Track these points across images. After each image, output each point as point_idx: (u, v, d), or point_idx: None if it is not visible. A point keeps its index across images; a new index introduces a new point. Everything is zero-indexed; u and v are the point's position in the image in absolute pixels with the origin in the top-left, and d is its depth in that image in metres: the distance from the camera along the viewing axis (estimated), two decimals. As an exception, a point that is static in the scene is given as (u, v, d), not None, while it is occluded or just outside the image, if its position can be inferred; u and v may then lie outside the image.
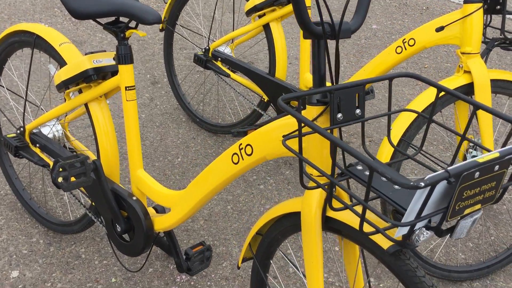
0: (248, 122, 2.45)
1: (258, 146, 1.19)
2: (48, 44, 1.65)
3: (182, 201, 1.42)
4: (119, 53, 1.45)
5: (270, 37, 2.23)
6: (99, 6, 1.37)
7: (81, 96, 1.55)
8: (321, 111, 1.05)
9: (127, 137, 1.52)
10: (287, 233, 1.26)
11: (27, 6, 3.98)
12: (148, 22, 1.35)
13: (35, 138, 1.75)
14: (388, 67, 1.90)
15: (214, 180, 1.31)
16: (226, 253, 1.95)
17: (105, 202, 1.55)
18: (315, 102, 1.05)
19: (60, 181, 1.40)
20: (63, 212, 2.07)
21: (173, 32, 2.62)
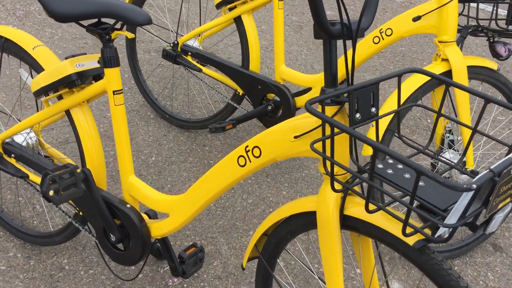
0: (221, 116, 2.41)
1: (267, 148, 1.18)
2: (19, 47, 1.54)
3: (182, 206, 1.39)
4: (105, 56, 1.37)
5: (242, 29, 2.20)
6: (83, 8, 1.29)
7: (63, 102, 1.46)
8: (336, 111, 1.05)
9: (117, 143, 1.46)
10: (297, 232, 1.26)
11: (-37, 1, 3.71)
12: (137, 23, 1.28)
13: (9, 148, 1.64)
14: (366, 57, 1.93)
15: (219, 183, 1.29)
16: (215, 251, 1.92)
17: (96, 212, 1.48)
18: (329, 102, 1.05)
19: (51, 195, 1.32)
20: (39, 222, 1.97)
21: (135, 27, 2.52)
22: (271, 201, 2.19)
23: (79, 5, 1.28)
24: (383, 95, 3.06)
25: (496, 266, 1.96)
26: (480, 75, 1.83)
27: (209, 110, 2.76)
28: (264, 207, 2.15)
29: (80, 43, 3.32)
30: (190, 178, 2.28)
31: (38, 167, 1.56)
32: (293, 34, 3.75)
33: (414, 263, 1.01)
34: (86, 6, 1.28)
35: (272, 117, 2.20)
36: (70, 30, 3.46)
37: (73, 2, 1.29)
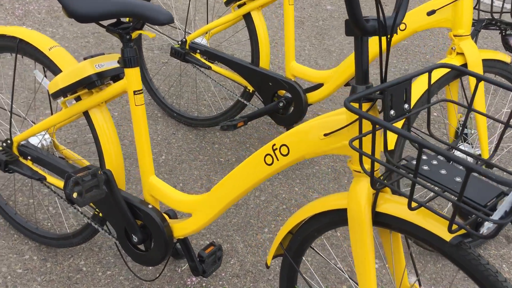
0: (231, 114, 2.40)
1: (296, 146, 1.17)
2: (34, 48, 1.52)
3: (206, 206, 1.38)
4: (125, 56, 1.36)
5: (251, 26, 2.19)
6: (104, 7, 1.27)
7: (82, 103, 1.45)
8: (369, 108, 1.05)
9: (137, 143, 1.45)
10: (324, 229, 1.26)
11: (-40, 1, 3.66)
12: (159, 23, 1.27)
13: (25, 150, 1.62)
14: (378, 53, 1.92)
15: (245, 182, 1.28)
16: (231, 250, 1.92)
17: (117, 213, 1.47)
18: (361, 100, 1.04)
19: (75, 197, 1.31)
20: (53, 224, 1.95)
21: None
22: (283, 198, 2.19)
23: (101, 5, 1.27)
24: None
25: (510, 258, 1.97)
26: (494, 68, 1.84)
27: (217, 108, 2.75)
28: (277, 204, 2.15)
29: (82, 42, 3.29)
30: (202, 176, 2.27)
31: (57, 169, 1.55)
32: (295, 29, 3.74)
33: (450, 258, 1.01)
34: (107, 6, 1.27)
35: (284, 113, 2.19)
36: (71, 29, 3.42)
37: (94, 2, 1.27)
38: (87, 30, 3.44)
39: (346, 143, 1.09)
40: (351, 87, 1.07)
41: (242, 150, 2.45)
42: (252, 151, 2.44)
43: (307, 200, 2.18)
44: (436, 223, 1.00)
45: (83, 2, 1.27)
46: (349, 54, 3.43)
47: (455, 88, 1.87)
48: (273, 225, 2.05)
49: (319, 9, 4.07)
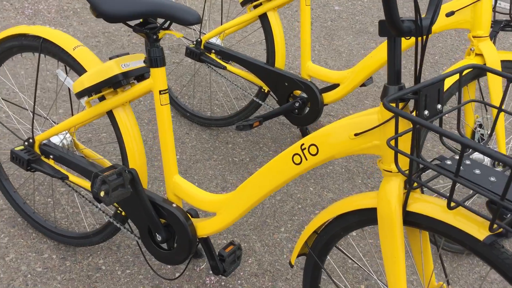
0: (245, 113, 2.41)
1: (325, 146, 1.18)
2: (58, 48, 1.53)
3: (231, 205, 1.39)
4: (152, 55, 1.37)
5: (267, 26, 2.20)
6: (133, 8, 1.28)
7: (106, 103, 1.45)
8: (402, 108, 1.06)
9: (162, 142, 1.46)
10: (351, 229, 1.27)
11: (-30, 0, 3.66)
12: (188, 23, 1.28)
13: (47, 149, 1.63)
14: (397, 53, 1.93)
15: (272, 182, 1.29)
16: (249, 249, 1.93)
17: (141, 212, 1.48)
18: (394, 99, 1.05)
19: (102, 196, 1.32)
20: (70, 223, 1.96)
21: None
22: (299, 198, 2.19)
23: (130, 5, 1.28)
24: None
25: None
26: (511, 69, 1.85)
27: (230, 108, 2.76)
28: (292, 204, 2.16)
29: (92, 41, 3.29)
30: (216, 176, 2.27)
31: (79, 169, 1.56)
32: (304, 30, 3.75)
33: (483, 258, 1.01)
34: (137, 6, 1.28)
35: (299, 113, 2.20)
36: (82, 29, 3.43)
37: (123, 2, 1.28)
38: (97, 29, 3.44)
39: (377, 142, 1.10)
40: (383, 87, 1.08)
41: (256, 150, 2.46)
42: (265, 151, 2.45)
43: (322, 200, 2.19)
44: (469, 222, 1.01)
45: (112, 2, 1.28)
46: (358, 54, 3.44)
47: (472, 89, 1.88)
48: (289, 225, 2.05)
49: (327, 10, 4.08)
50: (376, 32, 3.77)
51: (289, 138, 2.56)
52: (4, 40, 1.63)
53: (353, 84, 2.06)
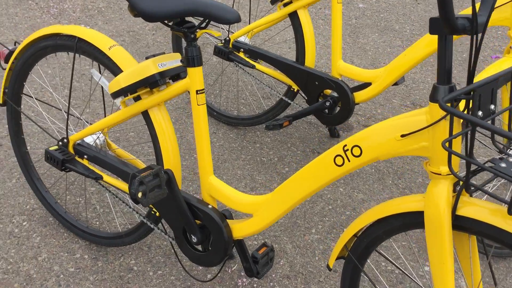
0: (273, 113, 2.39)
1: (369, 147, 1.15)
2: (94, 47, 1.52)
3: (269, 207, 1.36)
4: (189, 55, 1.35)
5: (297, 25, 2.17)
6: (172, 6, 1.26)
7: (142, 103, 1.44)
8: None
9: (197, 143, 1.44)
10: (394, 232, 1.23)
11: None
12: (228, 21, 1.26)
13: (81, 149, 1.62)
14: (432, 51, 1.89)
15: (312, 183, 1.26)
16: (280, 250, 1.91)
17: (177, 213, 1.47)
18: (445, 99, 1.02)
19: (140, 197, 1.31)
20: (101, 223, 1.95)
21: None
22: (329, 199, 2.16)
23: (169, 3, 1.26)
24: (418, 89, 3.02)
25: None
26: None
27: (257, 107, 2.73)
28: (323, 205, 2.13)
29: (118, 40, 3.30)
30: (245, 176, 2.25)
31: (114, 169, 1.55)
32: (328, 28, 3.71)
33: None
34: (176, 4, 1.26)
35: (330, 113, 2.17)
36: (107, 28, 3.44)
37: (163, 1, 1.27)
38: (122, 28, 3.45)
39: (426, 144, 1.07)
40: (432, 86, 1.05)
41: (284, 150, 2.43)
42: (293, 150, 2.43)
43: (352, 201, 2.15)
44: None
45: (152, 1, 1.26)
46: (384, 53, 3.39)
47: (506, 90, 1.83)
48: (320, 226, 2.02)
49: (351, 7, 4.03)
50: (401, 30, 3.71)
51: (317, 137, 2.53)
52: (39, 40, 1.63)
53: (386, 83, 2.02)
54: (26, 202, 2.02)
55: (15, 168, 2.18)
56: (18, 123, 1.86)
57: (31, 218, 1.95)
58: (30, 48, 1.66)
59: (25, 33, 3.29)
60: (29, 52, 1.67)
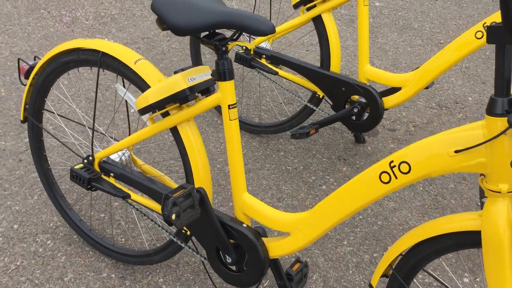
0: (297, 120, 2.32)
1: (419, 164, 1.08)
2: (119, 62, 1.46)
3: (308, 225, 1.30)
4: (221, 68, 1.29)
5: (322, 29, 2.10)
6: (205, 19, 1.20)
7: (171, 118, 1.38)
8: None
9: (230, 159, 1.38)
10: (444, 251, 1.16)
11: (9, 10, 3.66)
12: (262, 33, 1.19)
13: (107, 167, 1.57)
14: (466, 54, 1.82)
15: (355, 202, 1.20)
16: (312, 264, 1.84)
17: (211, 232, 1.41)
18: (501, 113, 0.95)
19: (173, 219, 1.25)
20: (126, 239, 1.90)
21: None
22: (359, 208, 2.09)
23: (201, 16, 1.20)
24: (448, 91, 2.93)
25: None
26: None
27: (279, 113, 2.67)
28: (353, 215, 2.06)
29: (132, 48, 3.25)
30: (271, 186, 2.19)
31: (143, 188, 1.49)
32: (346, 28, 3.64)
33: None
34: (208, 17, 1.20)
35: (357, 119, 2.10)
36: (121, 35, 3.39)
37: (193, 13, 1.21)
38: (136, 35, 3.40)
39: (482, 160, 1.00)
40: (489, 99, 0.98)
41: (309, 157, 2.36)
42: (319, 158, 2.36)
43: (383, 210, 2.08)
44: None
45: (182, 14, 1.20)
46: (405, 53, 3.31)
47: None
48: (352, 237, 1.96)
49: (368, 6, 3.95)
50: (421, 28, 3.62)
51: (342, 143, 2.46)
52: (61, 55, 1.58)
53: (417, 88, 1.94)
54: (49, 220, 1.97)
55: (36, 184, 2.14)
56: (39, 140, 1.81)
57: (55, 237, 1.90)
58: (51, 63, 1.61)
59: (39, 43, 3.26)
60: (50, 67, 1.62)
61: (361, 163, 2.32)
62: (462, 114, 2.72)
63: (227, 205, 2.08)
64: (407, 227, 1.99)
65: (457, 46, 1.82)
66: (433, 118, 2.68)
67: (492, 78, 3.07)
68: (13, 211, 2.00)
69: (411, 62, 3.20)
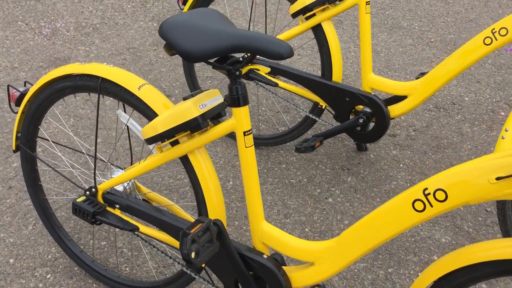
0: (299, 131, 2.25)
1: (456, 191, 1.02)
2: (121, 88, 1.37)
3: (334, 255, 1.23)
4: (235, 94, 1.21)
5: (322, 38, 2.03)
6: (219, 43, 1.12)
7: (182, 147, 1.30)
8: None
9: (246, 187, 1.30)
10: (482, 279, 1.11)
11: (-16, 23, 3.50)
12: (280, 57, 1.12)
13: (112, 198, 1.47)
14: (474, 61, 1.77)
15: (386, 230, 1.13)
16: (326, 283, 1.78)
17: (229, 265, 1.33)
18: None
19: (193, 257, 1.17)
20: (131, 268, 1.81)
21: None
22: (368, 220, 2.03)
23: (215, 40, 1.12)
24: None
25: None
26: None
27: (279, 124, 2.59)
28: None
29: (118, 59, 3.13)
30: (276, 202, 2.12)
31: (154, 220, 1.40)
32: (341, 33, 3.57)
33: None
34: (222, 41, 1.12)
35: (363, 130, 2.04)
36: (105, 46, 3.27)
37: (206, 38, 1.13)
38: (121, 46, 3.28)
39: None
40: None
41: (312, 169, 2.30)
42: (322, 169, 2.29)
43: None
44: None
45: (195, 39, 1.12)
46: (397, 53, 3.27)
47: None
48: (364, 252, 1.90)
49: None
50: (410, 27, 3.59)
51: (344, 152, 2.40)
52: (56, 81, 1.47)
53: (424, 96, 1.89)
54: (47, 251, 1.86)
55: (30, 212, 2.02)
56: (34, 169, 1.70)
57: (54, 270, 1.80)
58: (45, 89, 1.51)
59: (19, 58, 3.11)
60: (44, 94, 1.51)
61: (365, 172, 2.27)
62: (461, 115, 2.69)
63: (232, 224, 2.00)
64: (419, 238, 1.95)
65: (465, 53, 1.77)
66: (432, 121, 2.64)
67: (486, 76, 3.05)
68: (7, 244, 1.89)
69: (404, 63, 3.16)
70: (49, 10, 3.69)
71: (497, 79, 3.02)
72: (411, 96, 1.94)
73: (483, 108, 2.76)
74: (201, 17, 1.21)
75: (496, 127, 2.61)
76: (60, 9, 3.71)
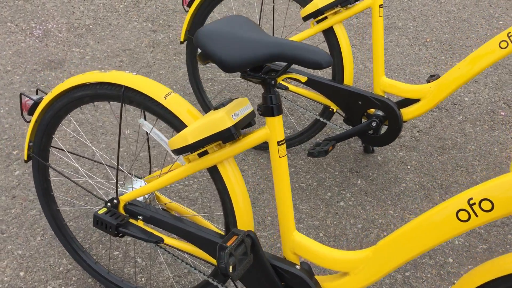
0: (308, 134, 2.24)
1: (504, 201, 1.02)
2: (145, 97, 1.33)
3: (371, 265, 1.22)
4: (269, 103, 1.19)
5: (333, 41, 2.01)
6: (256, 52, 1.09)
7: (212, 157, 1.26)
8: None
9: (278, 197, 1.28)
10: (522, 287, 1.11)
11: (-28, 25, 3.38)
12: (319, 66, 1.10)
13: (134, 210, 1.43)
14: (489, 64, 1.78)
15: (428, 240, 1.12)
16: (346, 289, 1.77)
17: (261, 277, 1.31)
18: None
19: (231, 271, 1.14)
20: (147, 278, 1.77)
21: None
22: (381, 224, 2.04)
23: (253, 48, 1.09)
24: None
25: None
26: None
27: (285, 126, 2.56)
28: (377, 231, 2.00)
29: (115, 61, 3.07)
30: (288, 206, 2.10)
31: (179, 231, 1.37)
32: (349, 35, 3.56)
33: None
34: (260, 50, 1.10)
35: (375, 133, 2.04)
36: (100, 48, 3.20)
37: (244, 47, 1.10)
38: (117, 47, 3.21)
39: None
40: None
41: (321, 172, 2.29)
42: (331, 172, 2.28)
43: (404, 223, 2.03)
44: None
45: (232, 48, 1.09)
46: (394, 53, 3.28)
47: None
48: (380, 256, 1.89)
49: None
50: (405, 27, 3.61)
51: (351, 154, 2.39)
52: (74, 89, 1.42)
53: (438, 99, 1.90)
54: (58, 263, 1.81)
55: (37, 222, 1.96)
56: (46, 179, 1.65)
57: (68, 282, 1.74)
58: (62, 97, 1.46)
59: (12, 60, 3.02)
60: (61, 102, 1.46)
61: (374, 175, 2.27)
62: (462, 116, 2.71)
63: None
64: (433, 240, 1.95)
65: (479, 56, 1.78)
66: (435, 121, 2.65)
67: (484, 76, 3.08)
68: (16, 256, 1.82)
69: (402, 63, 3.18)
70: (38, 10, 3.60)
71: (494, 78, 3.05)
72: (424, 99, 1.94)
73: (483, 108, 2.79)
74: (234, 25, 1.18)
75: (497, 127, 2.64)
76: (50, 9, 3.62)
